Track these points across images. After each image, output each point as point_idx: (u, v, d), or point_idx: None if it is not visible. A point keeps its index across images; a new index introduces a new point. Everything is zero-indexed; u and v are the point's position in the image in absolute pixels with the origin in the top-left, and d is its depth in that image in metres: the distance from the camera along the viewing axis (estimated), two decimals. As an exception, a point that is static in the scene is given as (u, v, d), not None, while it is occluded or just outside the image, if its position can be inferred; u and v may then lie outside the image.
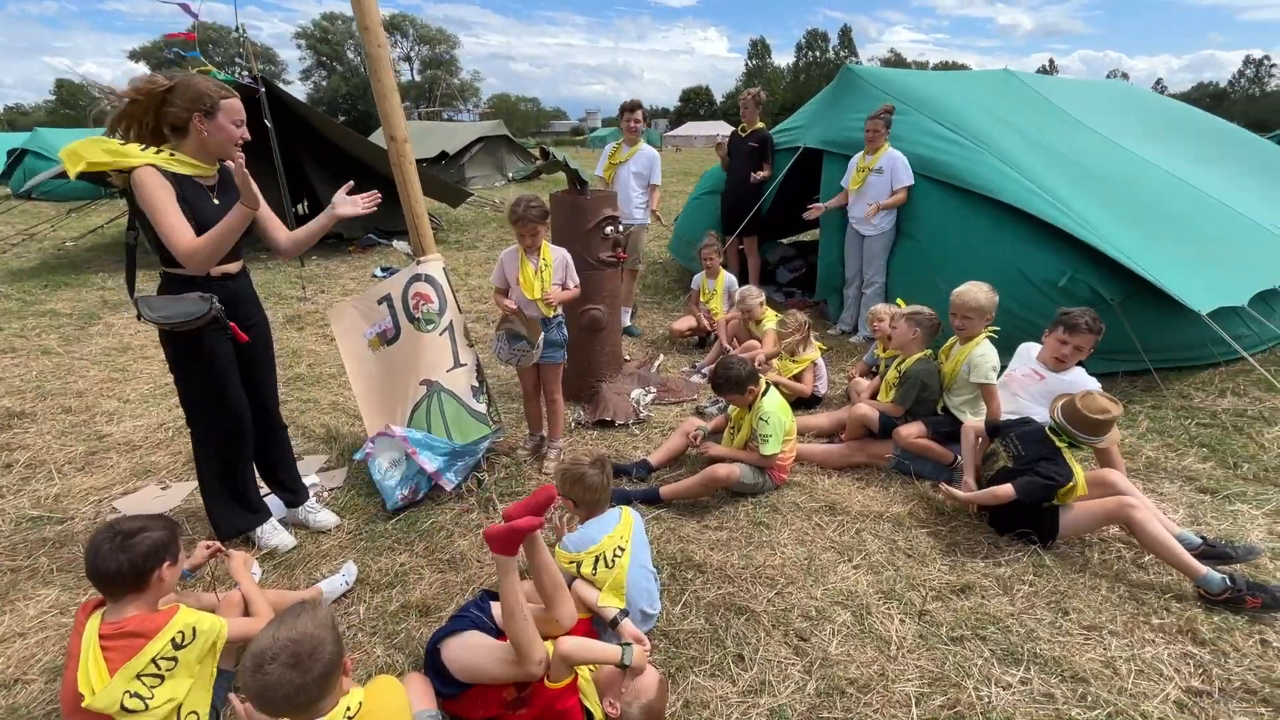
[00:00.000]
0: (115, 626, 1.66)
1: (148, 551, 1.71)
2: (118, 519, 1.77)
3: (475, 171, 17.27)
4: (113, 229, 10.38)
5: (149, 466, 3.38)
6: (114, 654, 1.63)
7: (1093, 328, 2.86)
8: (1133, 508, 2.40)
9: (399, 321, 2.91)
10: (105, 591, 1.72)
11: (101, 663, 1.61)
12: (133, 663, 1.62)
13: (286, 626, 1.41)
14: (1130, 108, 6.67)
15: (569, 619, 1.91)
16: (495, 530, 1.82)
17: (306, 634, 1.40)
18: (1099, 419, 2.46)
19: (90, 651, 1.62)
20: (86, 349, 5.20)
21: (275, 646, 1.36)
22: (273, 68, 64.01)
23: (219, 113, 2.19)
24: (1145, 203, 4.71)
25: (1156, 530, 2.35)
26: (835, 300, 5.65)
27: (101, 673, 1.60)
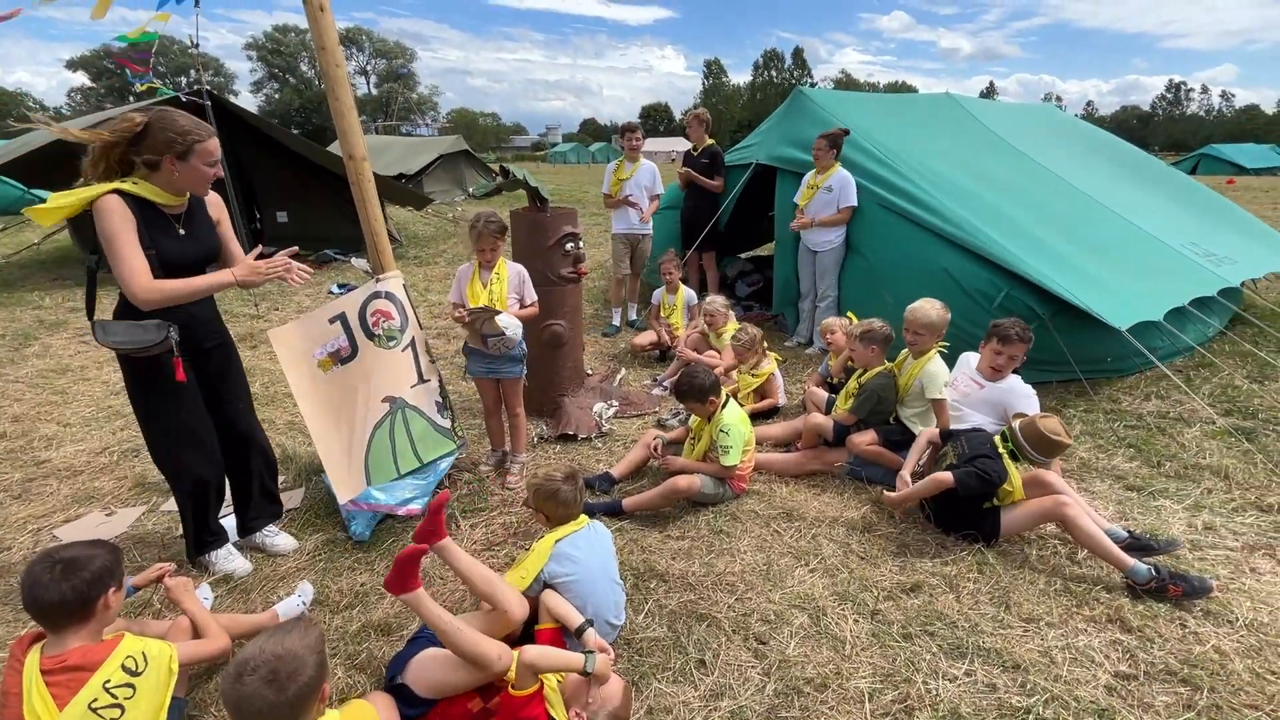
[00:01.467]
0: (57, 660, 1.60)
1: (92, 579, 1.66)
2: (56, 546, 1.72)
3: (434, 186, 17.13)
4: (49, 245, 9.93)
5: (92, 492, 3.26)
6: (60, 689, 1.58)
7: (1023, 337, 3.06)
8: (1066, 505, 2.56)
9: (355, 339, 2.88)
10: (46, 623, 1.66)
11: (49, 699, 1.56)
12: (84, 693, 1.57)
13: (275, 641, 1.41)
14: (1057, 133, 7.12)
15: (519, 609, 1.96)
16: (389, 578, 1.82)
17: (290, 652, 1.40)
18: (1053, 439, 2.64)
19: (34, 688, 1.57)
20: (21, 371, 4.97)
21: (259, 659, 1.37)
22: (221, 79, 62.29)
23: (192, 155, 2.16)
24: (1070, 225, 5.05)
25: (1088, 526, 2.51)
26: (791, 313, 5.83)
27: (49, 709, 1.55)
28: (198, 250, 2.32)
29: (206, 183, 2.25)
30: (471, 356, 3.23)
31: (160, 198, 2.19)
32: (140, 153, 2.13)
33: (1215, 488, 3.23)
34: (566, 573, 2.13)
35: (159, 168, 2.15)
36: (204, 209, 2.38)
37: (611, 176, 5.83)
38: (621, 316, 6.18)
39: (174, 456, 2.45)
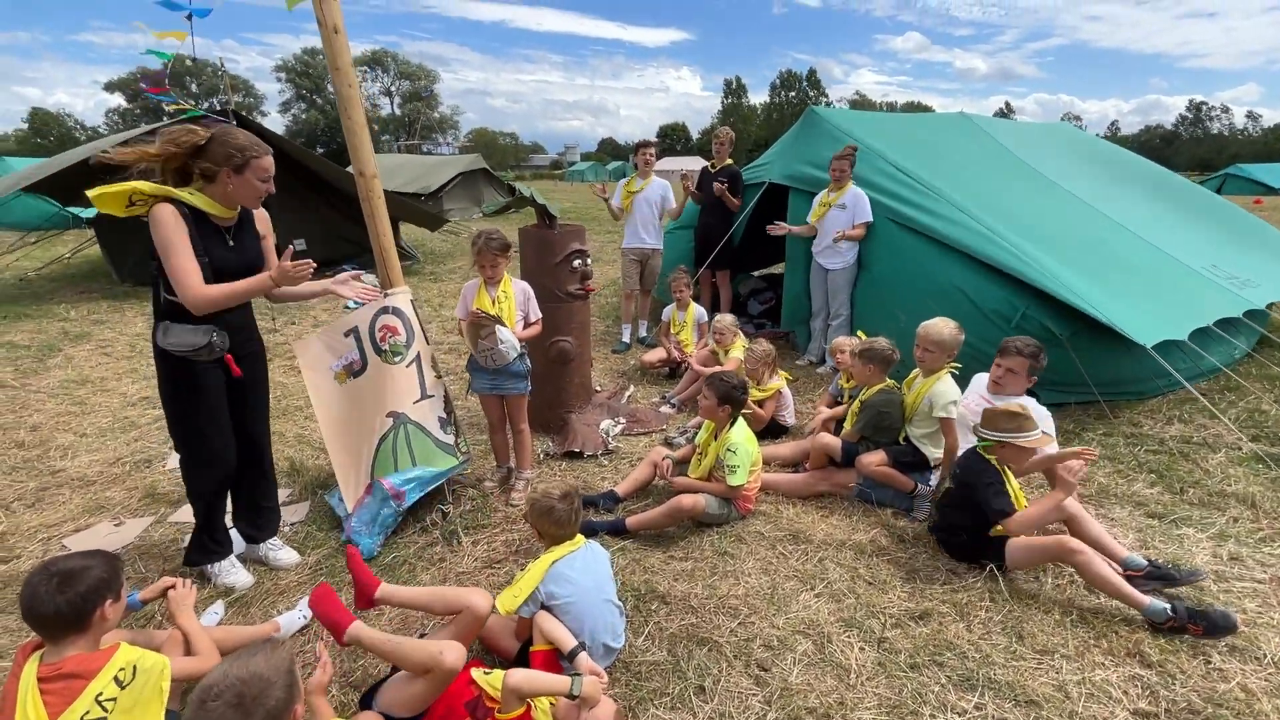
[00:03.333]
0: (53, 668, 1.61)
1: (87, 591, 1.67)
2: (55, 558, 1.72)
3: (452, 204, 17.37)
4: (78, 259, 10.22)
5: (103, 503, 3.30)
6: (53, 697, 1.58)
7: (1022, 350, 3.00)
8: (1074, 552, 2.43)
9: (365, 354, 2.92)
10: (43, 634, 1.66)
11: (40, 707, 1.56)
12: (77, 704, 1.57)
13: (240, 665, 1.39)
14: (1075, 152, 7.04)
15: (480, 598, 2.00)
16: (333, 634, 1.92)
17: (256, 675, 1.37)
18: (1010, 410, 2.59)
19: (29, 696, 1.57)
20: (44, 381, 5.08)
21: (223, 684, 1.34)
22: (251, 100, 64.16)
23: (247, 170, 2.24)
24: (1088, 244, 4.96)
25: (1100, 571, 2.40)
26: (803, 331, 5.79)
27: (41, 717, 1.55)
28: (244, 261, 2.38)
29: (259, 198, 2.33)
30: (475, 373, 3.23)
31: (213, 209, 2.27)
32: (199, 163, 2.22)
33: (1242, 516, 3.11)
34: (563, 594, 2.10)
35: (215, 180, 2.23)
36: (253, 223, 2.47)
37: (623, 190, 5.93)
38: (632, 333, 6.18)
39: (196, 456, 2.50)
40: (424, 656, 1.78)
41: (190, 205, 2.21)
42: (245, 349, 2.53)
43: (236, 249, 2.35)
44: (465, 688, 1.87)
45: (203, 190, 2.25)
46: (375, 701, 1.87)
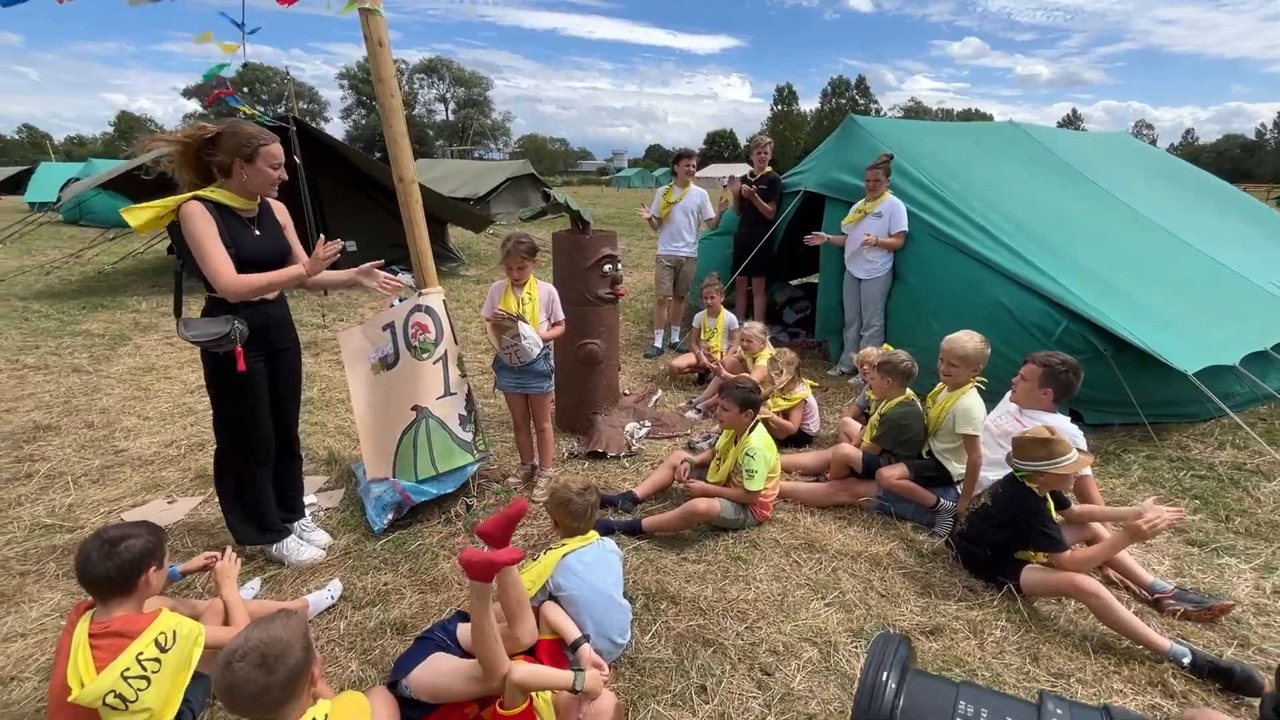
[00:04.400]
0: (103, 626, 1.77)
1: (133, 558, 1.82)
2: (106, 527, 1.89)
3: (500, 209, 17.82)
4: (150, 254, 10.91)
5: (159, 481, 3.54)
6: (101, 652, 1.73)
7: (1036, 358, 2.96)
8: (1088, 594, 2.34)
9: (399, 348, 3.07)
10: (94, 594, 1.83)
11: (90, 660, 1.72)
12: (119, 661, 1.72)
13: (260, 629, 1.50)
14: (1134, 163, 6.77)
15: (529, 637, 1.98)
16: (473, 558, 1.82)
17: (276, 638, 1.48)
18: (1039, 437, 2.50)
19: (80, 649, 1.73)
20: (114, 368, 5.47)
21: (245, 646, 1.45)
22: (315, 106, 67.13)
23: (258, 158, 2.39)
24: (1141, 259, 4.78)
25: (1118, 615, 2.30)
26: (835, 341, 5.73)
27: (89, 669, 1.70)
28: (271, 248, 2.55)
29: (272, 184, 2.47)
30: (501, 371, 3.35)
31: (236, 202, 2.43)
32: (215, 157, 2.38)
33: (1291, 548, 2.95)
34: (570, 587, 2.17)
35: (230, 172, 2.39)
36: (272, 212, 2.63)
37: (661, 200, 5.98)
38: (664, 339, 6.23)
39: (234, 442, 2.67)
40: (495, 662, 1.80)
41: (215, 201, 2.37)
42: (282, 343, 2.70)
43: (263, 237, 2.51)
44: None
45: (223, 186, 2.41)
46: (406, 675, 1.93)
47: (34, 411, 4.46)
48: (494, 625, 1.85)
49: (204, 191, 2.37)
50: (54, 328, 6.71)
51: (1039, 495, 2.55)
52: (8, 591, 2.60)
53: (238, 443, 2.67)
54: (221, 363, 2.51)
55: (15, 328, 6.66)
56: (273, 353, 2.66)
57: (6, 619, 2.44)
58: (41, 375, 5.23)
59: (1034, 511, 2.53)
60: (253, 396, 2.61)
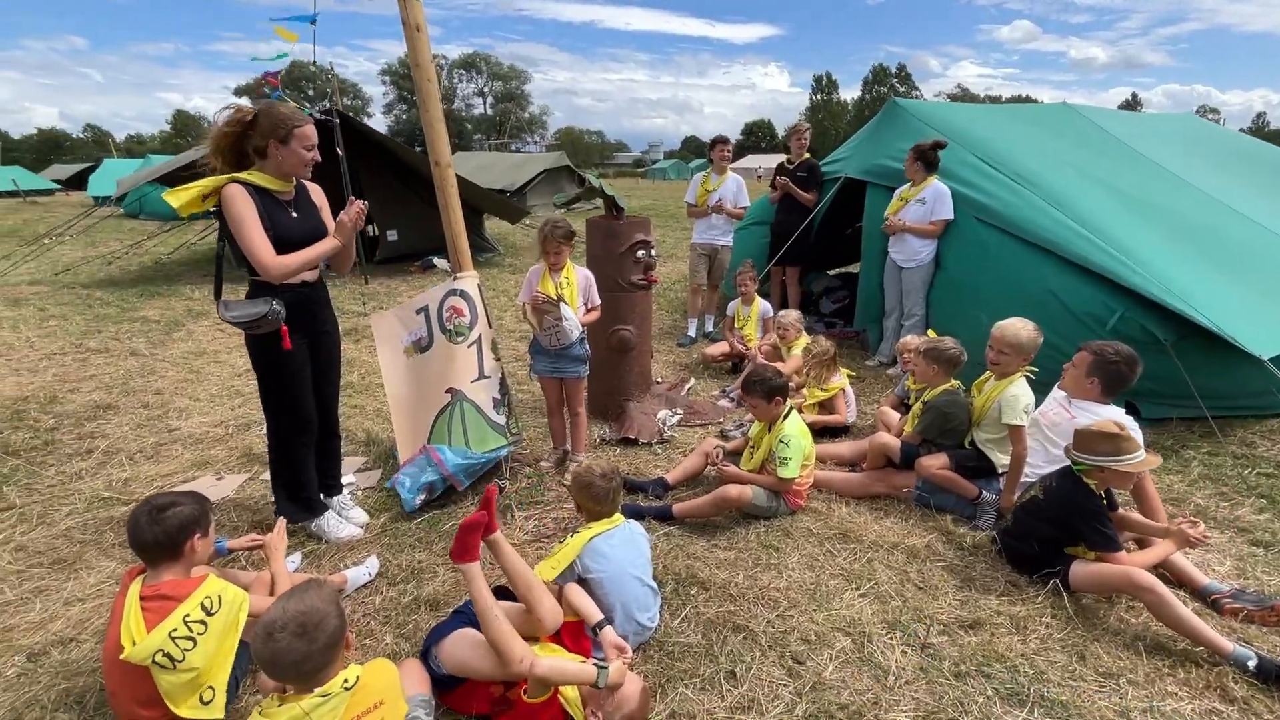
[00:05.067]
0: (153, 589, 1.85)
1: (179, 525, 1.90)
2: (155, 494, 1.97)
3: (536, 200, 17.95)
4: (202, 244, 11.35)
5: (208, 459, 3.69)
6: (151, 614, 1.81)
7: (1089, 347, 2.84)
8: (1144, 589, 2.22)
9: (433, 331, 3.11)
10: (144, 559, 1.91)
11: (141, 620, 1.79)
12: (167, 622, 1.79)
13: (295, 600, 1.54)
14: (1201, 143, 6.38)
15: (551, 619, 1.98)
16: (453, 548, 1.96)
17: (313, 607, 1.53)
18: (1106, 431, 2.36)
19: (132, 610, 1.81)
20: (169, 352, 5.71)
21: (285, 617, 1.49)
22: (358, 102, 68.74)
23: (292, 139, 2.44)
24: (1208, 240, 4.50)
25: (1177, 612, 2.18)
26: (875, 330, 5.59)
27: (140, 629, 1.78)
28: (308, 228, 2.59)
29: (305, 166, 2.51)
30: (537, 356, 3.36)
31: (273, 184, 2.49)
32: (252, 140, 2.44)
33: (1369, 552, 2.75)
34: (598, 569, 2.16)
35: (266, 154, 2.45)
36: (309, 194, 2.68)
37: (699, 187, 5.91)
38: (698, 327, 6.18)
39: (279, 418, 2.74)
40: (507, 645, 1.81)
41: (253, 183, 2.42)
42: (322, 326, 2.76)
43: (300, 218, 2.56)
44: None
45: (260, 169, 2.47)
46: (437, 646, 1.97)
47: (95, 392, 4.69)
48: (494, 607, 1.86)
49: (242, 175, 2.43)
50: (114, 314, 7.04)
51: (1095, 491, 2.43)
52: (69, 559, 2.74)
53: (282, 423, 2.75)
54: (263, 345, 2.58)
55: (79, 314, 7.02)
56: (314, 335, 2.73)
57: (67, 584, 2.57)
58: (102, 358, 5.50)
59: (1089, 509, 2.41)
60: (295, 377, 2.67)
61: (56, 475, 3.46)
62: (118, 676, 1.80)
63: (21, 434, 3.94)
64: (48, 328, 6.42)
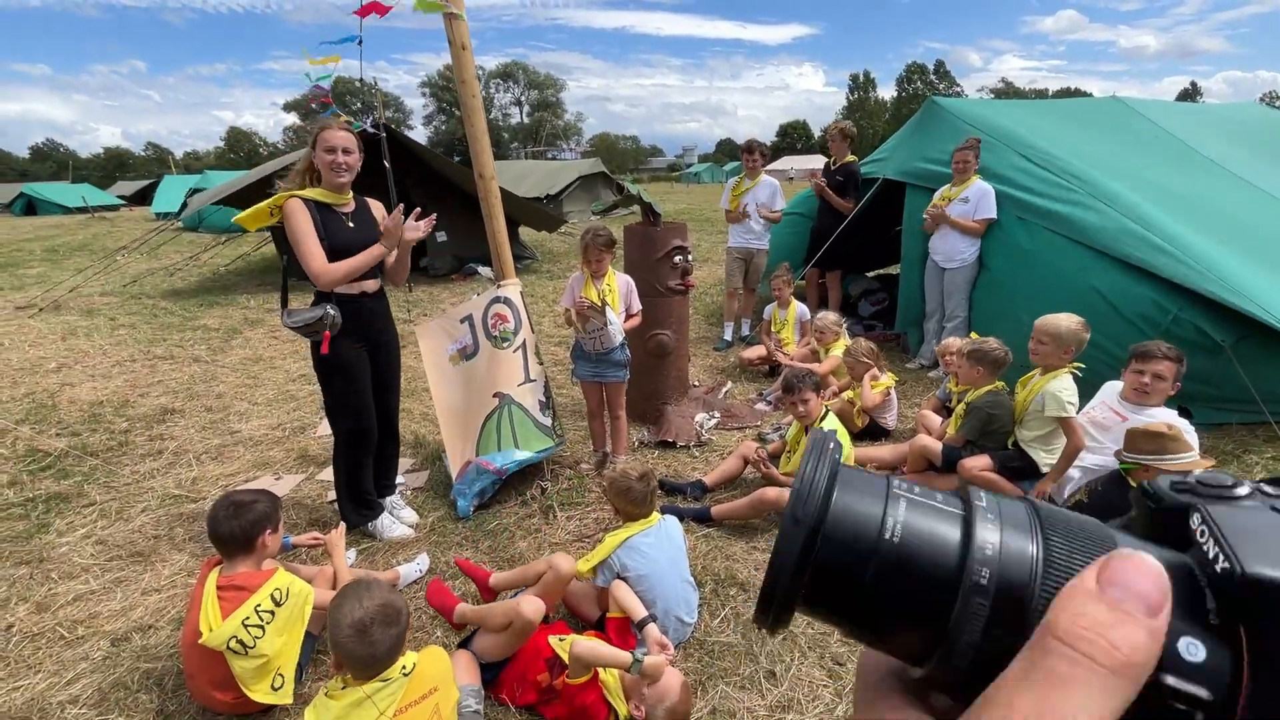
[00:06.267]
0: (228, 580, 1.99)
1: (255, 520, 2.04)
2: (233, 490, 2.12)
3: (572, 206, 18.18)
4: (257, 256, 11.87)
5: (267, 460, 3.88)
6: (226, 602, 1.95)
7: (1169, 354, 2.71)
8: None
9: (478, 339, 3.22)
10: (221, 551, 2.06)
11: (217, 608, 1.93)
12: (240, 610, 1.93)
13: (369, 596, 1.63)
14: (1264, 133, 6.10)
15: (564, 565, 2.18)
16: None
17: (389, 600, 1.65)
18: (1153, 430, 2.31)
19: (209, 599, 1.95)
20: (228, 358, 6.01)
21: (369, 614, 1.60)
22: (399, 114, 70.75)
23: (317, 144, 2.59)
24: (1264, 240, 4.31)
25: None
26: (915, 333, 5.52)
27: (216, 616, 1.91)
28: (364, 239, 2.71)
29: (331, 169, 2.59)
30: (578, 360, 3.44)
31: (328, 197, 2.63)
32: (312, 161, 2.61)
33: None
34: (636, 566, 2.22)
35: (314, 166, 2.61)
36: (369, 210, 2.81)
37: (730, 192, 5.92)
38: (734, 331, 6.20)
39: (341, 424, 2.86)
40: (506, 611, 2.00)
41: (312, 199, 2.58)
42: (383, 336, 2.89)
43: (356, 229, 2.69)
44: (547, 645, 2.05)
45: (318, 184, 2.63)
46: (470, 644, 2.10)
47: (162, 396, 4.98)
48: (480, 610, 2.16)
49: (302, 191, 2.59)
50: (177, 323, 7.44)
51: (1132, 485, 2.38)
52: (145, 552, 2.94)
53: (343, 428, 2.87)
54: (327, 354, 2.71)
55: (146, 323, 7.44)
56: (374, 345, 2.85)
57: (144, 576, 2.76)
58: (168, 364, 5.82)
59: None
60: (353, 385, 2.80)
61: (131, 474, 3.70)
62: (196, 661, 1.94)
63: (99, 435, 4.22)
64: (118, 336, 6.83)
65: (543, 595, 2.11)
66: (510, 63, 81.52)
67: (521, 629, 1.97)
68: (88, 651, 2.33)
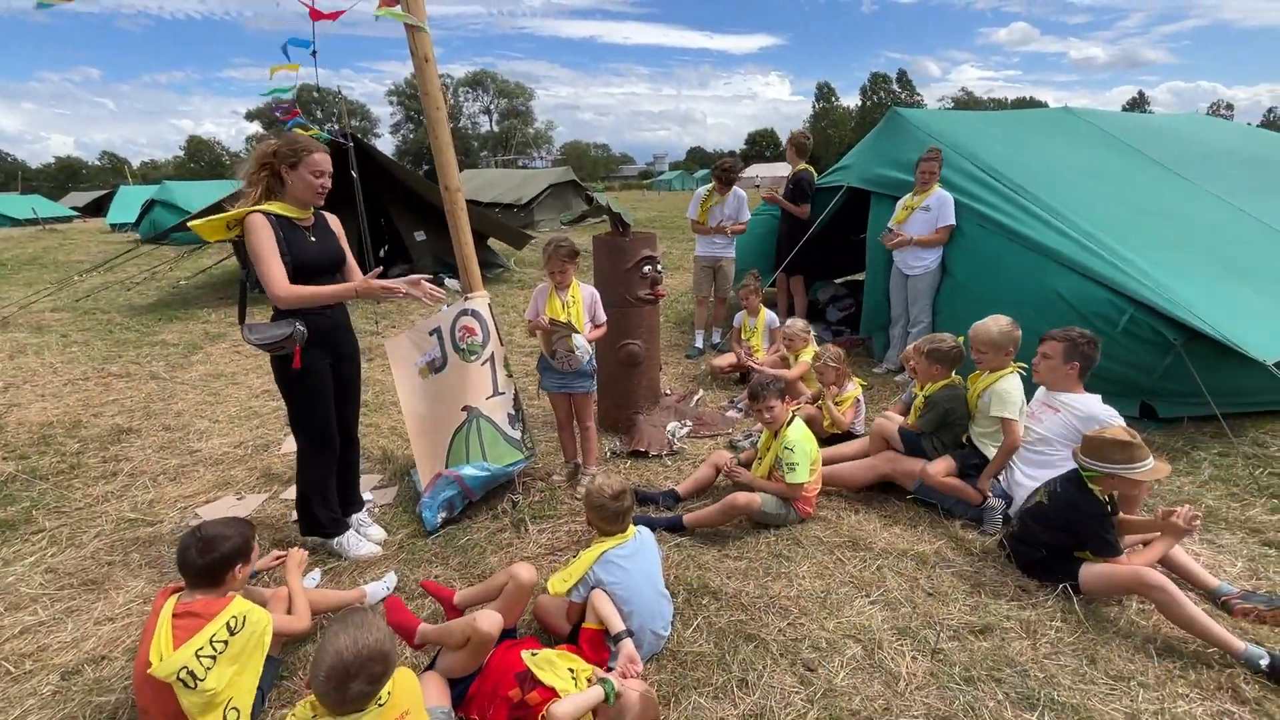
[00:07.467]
0: (185, 607, 1.92)
1: (224, 556, 1.99)
2: (203, 523, 2.06)
3: (543, 215, 18.14)
4: (219, 269, 11.56)
5: (229, 479, 3.77)
6: (180, 631, 1.88)
7: (1056, 335, 2.93)
8: (1153, 588, 2.23)
9: (446, 351, 3.19)
10: (187, 582, 2.00)
11: (170, 636, 1.86)
12: (194, 640, 1.86)
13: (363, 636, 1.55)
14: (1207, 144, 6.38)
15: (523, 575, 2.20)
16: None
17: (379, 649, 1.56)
18: (1119, 439, 2.38)
19: (163, 628, 1.88)
20: (188, 375, 5.83)
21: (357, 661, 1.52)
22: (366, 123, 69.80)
23: (300, 165, 2.53)
24: (1212, 243, 4.52)
25: (1186, 611, 2.19)
26: (881, 338, 5.62)
27: (169, 644, 1.84)
28: (326, 253, 2.69)
29: (314, 192, 2.57)
30: (545, 372, 3.43)
31: (292, 212, 2.59)
32: (275, 170, 2.54)
33: (1383, 550, 2.74)
34: (614, 580, 2.21)
35: (283, 180, 2.54)
36: (326, 222, 2.78)
37: (699, 205, 5.97)
38: (705, 339, 6.24)
39: (307, 438, 2.81)
40: (464, 628, 1.98)
41: (274, 213, 2.52)
42: (344, 347, 2.85)
43: (318, 244, 2.65)
44: (518, 660, 2.02)
45: (280, 198, 2.57)
46: (436, 664, 2.06)
47: (117, 415, 4.81)
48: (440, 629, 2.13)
49: (264, 205, 2.53)
50: (134, 339, 7.20)
51: (1100, 498, 2.45)
52: (98, 579, 2.82)
53: (307, 442, 2.82)
54: (287, 366, 2.66)
55: (100, 339, 7.18)
56: (339, 357, 2.81)
57: (98, 604, 2.65)
58: (124, 382, 5.63)
59: (1096, 515, 2.44)
60: (319, 399, 2.75)
61: (83, 498, 3.56)
62: (149, 693, 1.86)
63: (48, 458, 4.05)
64: (70, 353, 6.58)
65: (505, 608, 2.09)
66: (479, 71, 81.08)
67: (480, 644, 1.95)
68: (35, 687, 2.23)
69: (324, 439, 2.81)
